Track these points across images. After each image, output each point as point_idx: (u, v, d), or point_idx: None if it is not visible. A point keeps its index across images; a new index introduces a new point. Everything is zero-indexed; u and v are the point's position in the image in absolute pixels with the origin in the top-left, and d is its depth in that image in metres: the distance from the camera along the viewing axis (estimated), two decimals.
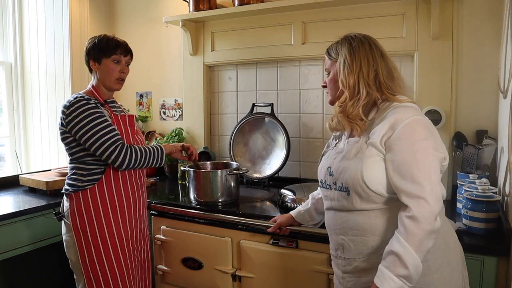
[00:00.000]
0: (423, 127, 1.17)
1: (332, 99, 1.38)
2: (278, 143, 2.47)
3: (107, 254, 1.70)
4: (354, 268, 1.27)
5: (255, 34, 2.55)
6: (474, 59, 2.06)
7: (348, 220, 1.26)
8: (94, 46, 1.73)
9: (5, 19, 3.05)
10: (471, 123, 2.07)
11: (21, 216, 2.02)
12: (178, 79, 2.91)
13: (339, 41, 1.35)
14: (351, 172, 1.21)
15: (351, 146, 1.27)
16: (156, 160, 1.77)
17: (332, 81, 1.35)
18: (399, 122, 1.16)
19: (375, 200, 1.20)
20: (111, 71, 1.73)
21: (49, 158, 3.05)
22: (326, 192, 1.35)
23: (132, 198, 1.78)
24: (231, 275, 1.91)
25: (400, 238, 1.10)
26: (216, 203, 2.05)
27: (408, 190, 1.12)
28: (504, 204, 1.64)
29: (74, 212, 1.69)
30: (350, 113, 1.26)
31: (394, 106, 1.22)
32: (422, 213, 1.09)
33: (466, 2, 2.04)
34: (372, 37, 1.33)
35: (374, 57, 1.27)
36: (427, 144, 1.15)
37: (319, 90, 2.46)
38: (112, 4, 3.14)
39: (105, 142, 1.62)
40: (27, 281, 2.53)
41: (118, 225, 1.73)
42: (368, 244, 1.22)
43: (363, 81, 1.25)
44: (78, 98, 1.66)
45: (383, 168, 1.18)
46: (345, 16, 2.28)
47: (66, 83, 2.91)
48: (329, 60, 1.36)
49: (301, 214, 1.65)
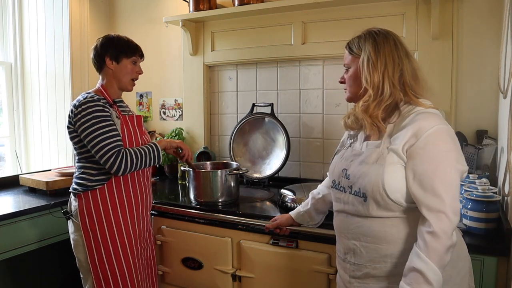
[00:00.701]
0: (448, 138, 1.13)
1: (351, 97, 1.32)
2: (278, 143, 2.47)
3: (116, 253, 1.72)
4: (363, 274, 1.23)
5: (255, 34, 2.55)
6: (474, 59, 2.06)
7: (362, 226, 1.22)
8: (113, 45, 1.75)
9: (5, 19, 3.05)
10: (471, 123, 2.07)
11: (21, 216, 2.02)
12: (178, 79, 2.91)
13: (362, 35, 1.27)
14: (371, 179, 1.16)
15: (372, 151, 1.21)
16: (153, 159, 1.76)
17: (353, 78, 1.28)
18: (423, 130, 1.12)
19: (392, 209, 1.16)
20: (129, 71, 1.78)
21: (49, 158, 3.05)
22: (339, 194, 1.31)
23: (140, 198, 1.80)
24: (231, 275, 1.91)
25: (421, 254, 1.08)
26: (216, 203, 2.04)
27: (428, 203, 1.09)
28: (504, 204, 1.64)
29: (84, 211, 1.70)
30: (372, 114, 1.20)
31: (417, 111, 1.17)
32: (442, 228, 1.07)
33: (466, 2, 2.04)
34: (395, 33, 1.27)
35: (399, 55, 1.22)
36: (450, 156, 1.12)
37: (319, 90, 2.46)
38: (112, 4, 3.14)
39: (103, 148, 1.62)
40: (27, 281, 2.53)
41: (127, 224, 1.75)
42: (381, 252, 1.19)
43: (388, 81, 1.19)
44: (88, 98, 1.66)
45: (403, 176, 1.14)
46: (345, 16, 2.28)
47: (66, 83, 2.91)
48: (350, 55, 1.29)
49: (301, 215, 1.65)
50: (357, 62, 1.26)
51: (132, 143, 1.76)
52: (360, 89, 1.25)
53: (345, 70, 1.33)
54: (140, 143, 1.79)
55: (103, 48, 1.75)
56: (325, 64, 2.43)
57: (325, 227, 1.67)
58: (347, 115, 1.34)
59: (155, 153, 1.77)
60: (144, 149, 1.74)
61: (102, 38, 1.78)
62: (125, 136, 1.73)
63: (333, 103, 2.43)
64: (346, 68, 1.33)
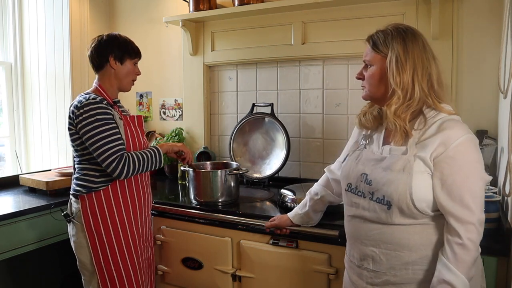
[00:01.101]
0: (475, 149, 1.12)
1: (370, 96, 1.26)
2: (278, 143, 2.47)
3: (122, 254, 1.72)
4: (383, 281, 1.20)
5: (255, 34, 2.55)
6: (474, 59, 2.06)
7: (383, 233, 1.19)
8: (118, 45, 1.73)
9: (5, 19, 3.05)
10: (471, 123, 2.06)
11: (21, 216, 2.02)
12: (178, 79, 2.91)
13: (388, 32, 1.20)
14: (397, 187, 1.13)
15: (398, 158, 1.16)
16: (155, 164, 1.75)
17: (377, 78, 1.22)
18: (452, 139, 1.10)
19: (416, 217, 1.14)
20: (131, 72, 1.78)
21: (49, 158, 3.05)
22: (356, 199, 1.26)
23: (142, 197, 1.81)
24: (231, 275, 1.91)
25: (450, 266, 1.08)
26: (216, 203, 2.04)
27: (457, 214, 1.09)
28: (504, 204, 1.64)
29: (88, 213, 1.68)
30: (400, 116, 1.15)
31: (443, 118, 1.15)
32: (471, 240, 1.08)
33: (466, 2, 2.04)
34: (421, 32, 1.23)
35: (427, 58, 1.18)
36: (478, 167, 1.12)
37: (319, 90, 2.46)
38: (112, 4, 3.14)
39: (105, 152, 1.60)
40: (27, 281, 2.53)
41: (131, 224, 1.75)
42: (402, 259, 1.17)
43: (418, 84, 1.15)
44: (90, 100, 1.63)
45: (430, 185, 1.12)
46: (345, 16, 2.28)
47: (66, 83, 2.91)
48: (374, 52, 1.22)
49: (300, 217, 1.65)
50: (382, 61, 1.20)
51: (135, 144, 1.75)
52: (382, 89, 1.22)
53: (364, 66, 1.26)
54: (142, 144, 1.79)
55: (108, 47, 1.72)
56: (325, 64, 2.43)
57: (325, 227, 1.67)
58: (362, 113, 1.31)
59: (157, 157, 1.76)
60: (147, 153, 1.73)
61: (106, 36, 1.75)
62: (128, 137, 1.72)
63: (333, 103, 2.43)
64: (367, 65, 1.25)
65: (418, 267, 1.16)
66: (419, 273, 1.16)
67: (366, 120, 1.28)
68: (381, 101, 1.25)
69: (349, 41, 2.27)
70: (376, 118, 1.31)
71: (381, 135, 1.27)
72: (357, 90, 2.35)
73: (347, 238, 1.35)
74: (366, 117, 1.29)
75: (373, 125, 1.28)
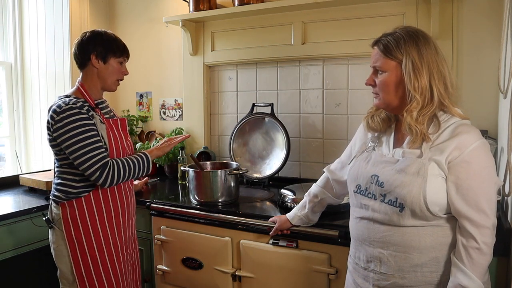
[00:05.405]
0: (489, 154, 1.14)
1: (386, 104, 1.22)
2: (278, 143, 2.47)
3: (104, 264, 1.65)
4: (391, 284, 1.20)
5: (255, 34, 2.55)
6: (474, 59, 2.06)
7: (393, 235, 1.18)
8: (101, 42, 1.63)
9: (5, 19, 3.05)
10: (471, 123, 2.07)
11: (21, 216, 2.02)
12: (178, 79, 2.91)
13: (400, 36, 1.17)
14: (411, 190, 1.12)
15: (412, 161, 1.16)
16: (141, 170, 1.69)
17: (392, 85, 1.19)
18: (467, 144, 1.11)
19: (427, 219, 1.14)
20: (116, 72, 1.68)
21: (49, 158, 3.04)
22: (366, 201, 1.25)
23: (126, 203, 1.74)
24: (231, 275, 1.91)
25: (466, 270, 1.08)
26: (216, 203, 2.04)
27: (473, 218, 1.10)
28: (504, 204, 1.64)
29: (68, 221, 1.60)
30: (421, 122, 1.14)
31: (457, 122, 1.16)
32: (487, 243, 1.10)
33: (466, 2, 2.04)
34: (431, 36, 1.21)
35: (440, 60, 1.17)
36: (492, 172, 1.14)
37: (319, 90, 2.46)
38: (112, 4, 3.14)
39: (88, 161, 1.52)
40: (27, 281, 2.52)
41: (113, 233, 1.68)
42: (411, 262, 1.16)
43: (435, 87, 1.14)
44: (70, 105, 1.54)
45: (444, 189, 1.13)
46: (345, 16, 2.28)
47: (66, 83, 2.91)
48: (386, 58, 1.18)
49: (300, 219, 1.65)
50: (397, 67, 1.17)
51: (119, 148, 1.67)
52: (399, 96, 1.19)
53: (373, 71, 1.23)
54: (125, 148, 1.71)
55: (90, 44, 1.62)
56: (325, 64, 2.43)
57: (325, 227, 1.68)
58: (369, 116, 1.30)
59: (145, 163, 1.70)
60: (133, 160, 1.66)
61: (89, 33, 1.65)
62: (112, 141, 1.64)
63: (333, 103, 2.43)
64: (379, 71, 1.21)
65: (427, 269, 1.16)
66: (428, 275, 1.16)
67: (374, 123, 1.28)
68: (398, 109, 1.23)
69: (349, 41, 2.27)
70: (385, 120, 1.30)
71: (390, 137, 1.27)
72: (357, 90, 2.35)
73: (353, 240, 1.34)
74: (374, 120, 1.28)
75: (382, 127, 1.28)
